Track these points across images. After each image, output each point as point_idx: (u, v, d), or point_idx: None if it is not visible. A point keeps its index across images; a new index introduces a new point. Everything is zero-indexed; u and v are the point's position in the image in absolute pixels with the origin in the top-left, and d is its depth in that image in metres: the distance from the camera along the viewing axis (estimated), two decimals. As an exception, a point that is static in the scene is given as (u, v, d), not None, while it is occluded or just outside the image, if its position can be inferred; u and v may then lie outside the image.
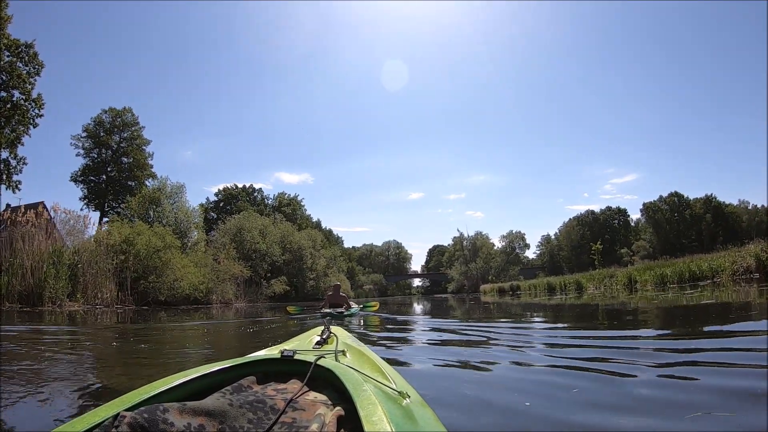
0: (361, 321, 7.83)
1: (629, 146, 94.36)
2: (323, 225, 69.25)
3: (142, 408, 0.74)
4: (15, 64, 21.01)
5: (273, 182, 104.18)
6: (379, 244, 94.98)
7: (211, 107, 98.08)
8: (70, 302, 12.74)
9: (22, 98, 21.10)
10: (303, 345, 1.78)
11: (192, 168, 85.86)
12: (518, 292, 30.22)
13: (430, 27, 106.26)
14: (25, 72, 21.40)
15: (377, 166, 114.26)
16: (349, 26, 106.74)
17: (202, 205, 51.04)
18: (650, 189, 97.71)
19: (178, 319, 10.33)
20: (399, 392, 1.08)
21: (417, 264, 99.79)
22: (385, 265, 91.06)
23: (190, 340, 5.70)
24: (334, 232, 76.98)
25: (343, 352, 1.53)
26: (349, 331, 2.49)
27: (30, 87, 21.45)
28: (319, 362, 1.11)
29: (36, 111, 21.53)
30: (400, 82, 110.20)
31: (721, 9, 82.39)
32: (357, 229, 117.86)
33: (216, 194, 56.75)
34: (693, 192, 70.63)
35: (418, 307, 15.08)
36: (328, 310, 8.36)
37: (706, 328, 4.22)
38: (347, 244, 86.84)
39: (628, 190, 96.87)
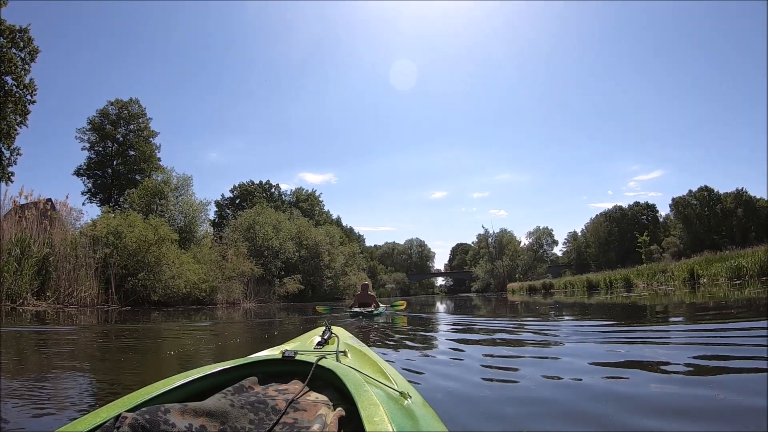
0: (389, 319, 7.77)
1: (655, 142, 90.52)
2: (343, 223, 67.50)
3: (143, 409, 0.74)
4: (9, 49, 19.94)
5: (297, 182, 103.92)
6: (402, 242, 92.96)
7: (234, 109, 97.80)
8: (37, 301, 11.04)
9: (15, 84, 19.92)
10: (304, 345, 1.77)
11: (217, 169, 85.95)
12: (551, 291, 27.78)
13: (451, 27, 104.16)
14: (19, 58, 20.27)
15: (400, 166, 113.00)
16: (368, 26, 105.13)
17: (217, 202, 49.97)
18: (675, 186, 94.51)
19: (171, 321, 9.32)
20: (400, 393, 1.07)
21: (440, 263, 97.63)
22: (407, 263, 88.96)
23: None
24: (356, 231, 75.05)
25: (345, 353, 1.52)
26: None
27: (24, 73, 20.28)
28: (320, 363, 1.09)
29: (29, 97, 20.35)
30: (409, 83, 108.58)
31: (746, 2, 76.60)
32: (381, 228, 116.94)
33: (231, 191, 54.00)
34: (721, 188, 65.82)
35: (441, 306, 14.28)
36: (357, 309, 8.34)
37: None
38: (371, 243, 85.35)
39: (652, 187, 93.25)
